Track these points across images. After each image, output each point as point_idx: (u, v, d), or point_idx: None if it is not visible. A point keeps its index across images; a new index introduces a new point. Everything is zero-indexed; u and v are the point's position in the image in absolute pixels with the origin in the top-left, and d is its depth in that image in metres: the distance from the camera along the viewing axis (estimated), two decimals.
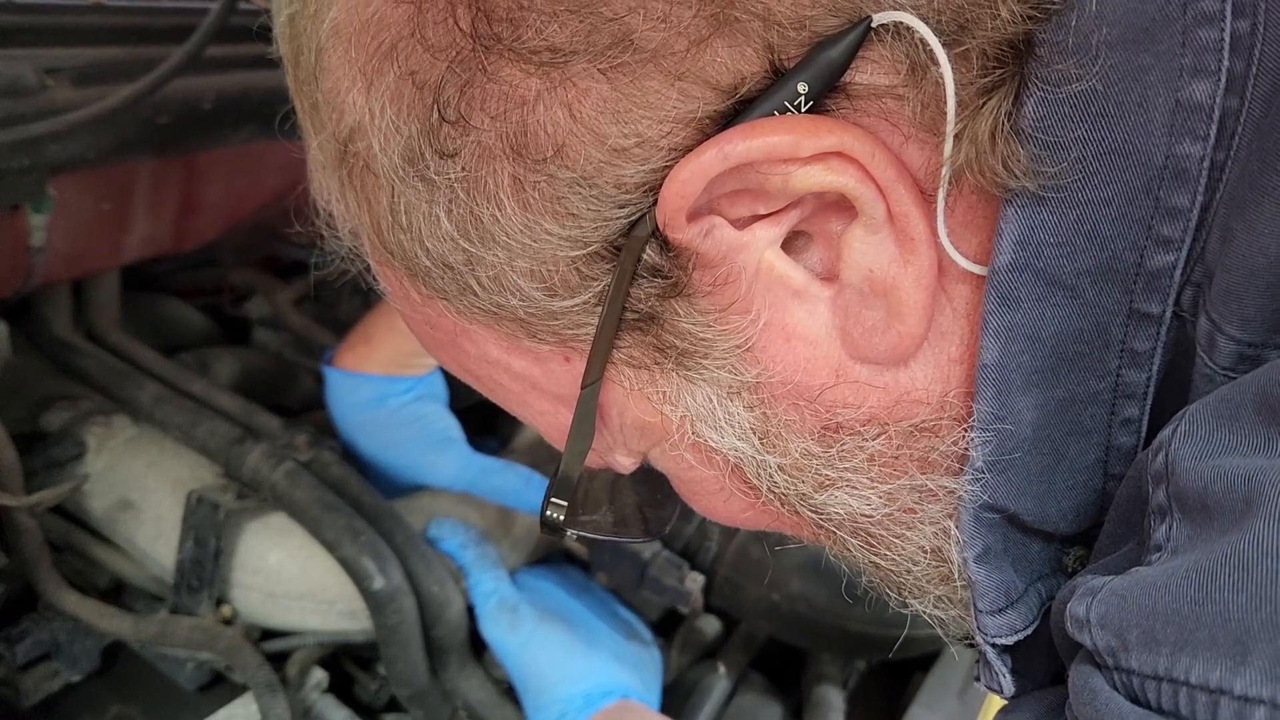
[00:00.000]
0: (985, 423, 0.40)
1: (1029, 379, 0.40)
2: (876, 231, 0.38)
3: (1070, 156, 0.37)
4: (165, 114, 0.80)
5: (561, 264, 0.40)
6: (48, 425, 0.89)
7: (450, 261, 0.42)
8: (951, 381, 0.42)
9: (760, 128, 0.36)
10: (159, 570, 0.85)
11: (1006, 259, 0.38)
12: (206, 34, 0.68)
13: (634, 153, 0.37)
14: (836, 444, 0.44)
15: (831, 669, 0.99)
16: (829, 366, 0.42)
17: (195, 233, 0.94)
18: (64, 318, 0.95)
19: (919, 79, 0.36)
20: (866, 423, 0.43)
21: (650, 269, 0.40)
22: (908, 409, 0.43)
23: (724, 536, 0.95)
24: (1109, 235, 0.38)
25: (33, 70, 0.73)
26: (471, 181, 0.39)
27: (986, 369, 0.40)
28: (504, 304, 0.42)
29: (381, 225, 0.43)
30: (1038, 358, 0.39)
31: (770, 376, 0.42)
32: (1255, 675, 0.29)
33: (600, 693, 0.80)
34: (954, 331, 0.41)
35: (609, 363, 0.43)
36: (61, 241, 0.80)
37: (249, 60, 0.88)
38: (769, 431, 0.44)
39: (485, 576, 0.85)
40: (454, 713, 0.86)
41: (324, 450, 0.86)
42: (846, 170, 0.37)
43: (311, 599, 0.83)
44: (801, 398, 0.43)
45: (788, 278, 0.40)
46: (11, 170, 0.71)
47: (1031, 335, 0.39)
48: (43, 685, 0.80)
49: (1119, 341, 0.39)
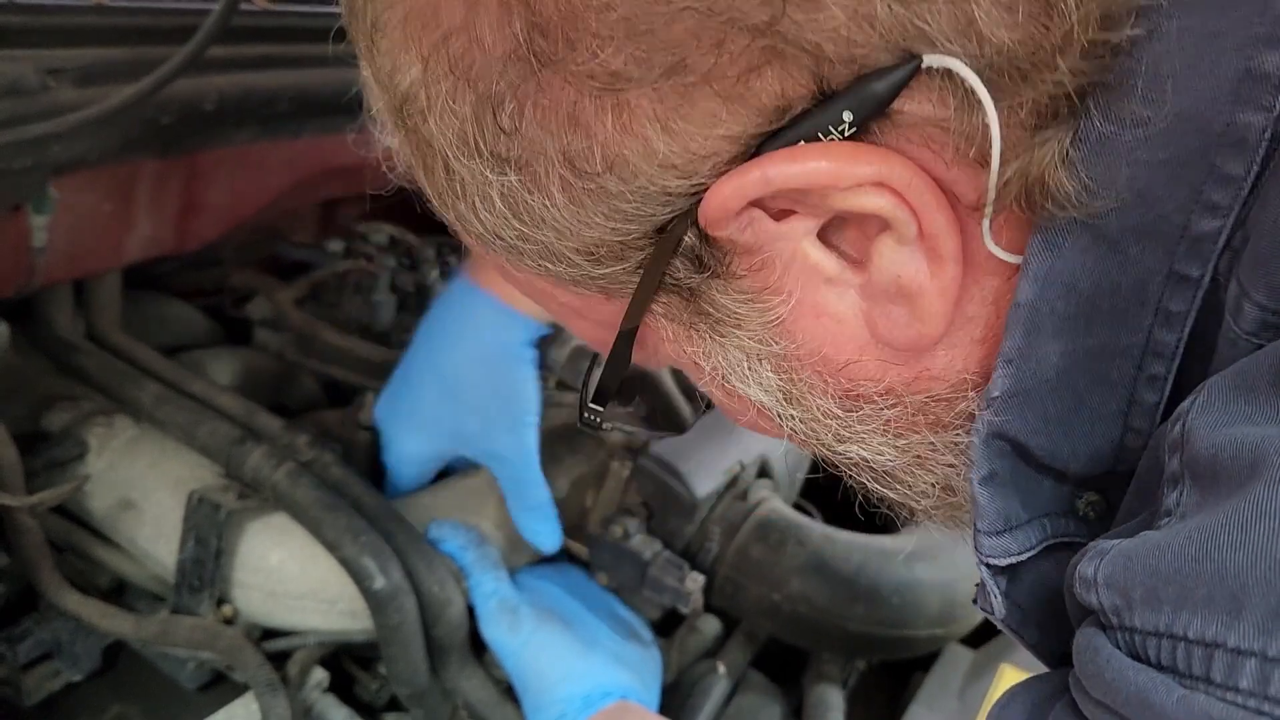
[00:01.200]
0: (1008, 358, 0.42)
1: (1060, 325, 0.40)
2: (907, 244, 0.40)
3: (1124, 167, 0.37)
4: (167, 114, 0.80)
5: (605, 244, 0.42)
6: (49, 425, 0.89)
7: (501, 233, 0.44)
8: (972, 360, 0.44)
9: (803, 153, 0.37)
10: (160, 570, 0.86)
11: (1068, 191, 0.39)
12: (209, 34, 0.68)
13: (681, 167, 0.39)
14: (855, 410, 0.46)
15: (831, 669, 0.99)
16: (854, 344, 0.43)
17: (197, 233, 0.94)
18: (66, 318, 0.95)
19: (968, 114, 0.37)
20: (885, 394, 0.45)
21: (689, 254, 0.42)
22: (925, 384, 0.44)
23: (724, 537, 0.95)
24: (1159, 196, 0.38)
25: (35, 71, 0.73)
26: (524, 176, 0.41)
27: (1019, 308, 0.41)
28: (551, 268, 0.45)
29: (437, 184, 0.44)
30: (1071, 305, 0.40)
31: (798, 349, 0.44)
32: (1248, 629, 0.30)
33: (600, 694, 0.81)
34: (980, 316, 0.42)
35: (647, 313, 0.45)
36: (63, 242, 0.80)
37: (251, 61, 0.88)
38: (793, 393, 0.46)
39: (486, 577, 0.85)
40: (454, 712, 0.86)
41: (325, 451, 0.86)
42: (883, 195, 0.38)
43: (312, 599, 0.83)
44: (826, 368, 0.45)
45: (821, 265, 0.41)
46: (13, 170, 0.71)
47: (1069, 283, 0.40)
48: (44, 685, 0.80)
49: (1155, 301, 0.40)
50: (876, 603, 0.91)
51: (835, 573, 0.92)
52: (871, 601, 0.91)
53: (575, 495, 0.99)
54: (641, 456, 0.95)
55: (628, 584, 0.92)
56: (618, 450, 1.00)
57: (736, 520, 0.96)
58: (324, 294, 1.03)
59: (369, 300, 0.97)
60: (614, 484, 0.97)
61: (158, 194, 0.87)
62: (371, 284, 0.98)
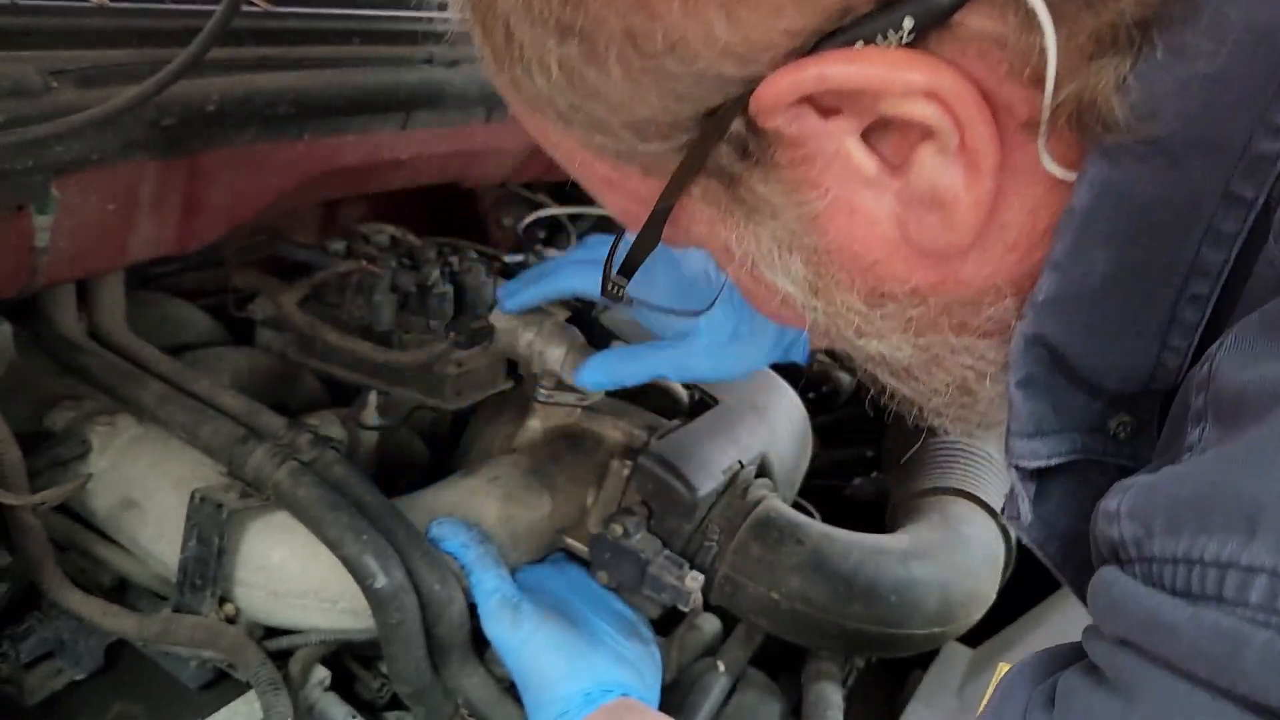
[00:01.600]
0: (1055, 264, 0.42)
1: (1110, 234, 0.41)
2: (947, 155, 0.40)
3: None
4: (169, 116, 0.80)
5: (655, 123, 0.43)
6: (52, 424, 0.90)
7: (554, 100, 0.44)
8: (1002, 267, 0.44)
9: (860, 56, 0.38)
10: (162, 569, 0.86)
11: (1119, 117, 0.39)
12: (211, 36, 0.68)
13: (741, 56, 0.40)
14: (880, 307, 0.47)
15: (831, 667, 0.99)
16: (884, 244, 0.44)
17: (199, 234, 0.94)
18: (69, 317, 0.95)
19: (1026, 34, 0.37)
20: (910, 294, 0.46)
21: (735, 141, 0.43)
22: (952, 288, 0.45)
23: (724, 536, 0.95)
24: (1224, 114, 0.38)
25: (37, 72, 0.73)
26: (584, 48, 0.41)
27: (1072, 214, 0.41)
28: (596, 139, 0.46)
29: (496, 45, 0.45)
30: (1124, 216, 0.41)
31: (830, 244, 0.45)
32: (1260, 547, 0.31)
33: (601, 691, 0.81)
34: (1016, 224, 0.43)
35: (684, 194, 0.46)
36: (66, 242, 0.80)
37: (253, 62, 0.89)
38: (820, 286, 0.47)
39: (488, 574, 0.85)
40: (455, 711, 0.86)
41: (326, 450, 0.86)
42: (931, 105, 0.39)
43: (314, 597, 0.84)
44: (855, 265, 0.46)
45: (862, 166, 0.42)
46: (16, 171, 0.71)
47: (1124, 192, 0.40)
48: (46, 683, 0.81)
49: (1207, 219, 0.40)
50: (874, 601, 0.92)
51: (834, 571, 0.92)
52: (869, 600, 0.92)
53: (575, 494, 0.99)
54: (641, 456, 0.95)
55: (628, 583, 0.93)
56: (618, 449, 1.00)
57: (736, 519, 0.96)
58: (326, 294, 1.03)
59: (370, 300, 0.98)
60: (614, 483, 0.97)
61: (160, 195, 0.87)
62: (373, 284, 0.98)
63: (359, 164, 1.03)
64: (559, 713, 0.80)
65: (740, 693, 0.98)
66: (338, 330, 1.00)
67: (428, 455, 1.14)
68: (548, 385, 1.02)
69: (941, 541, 1.00)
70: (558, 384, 1.01)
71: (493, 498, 0.94)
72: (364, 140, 1.01)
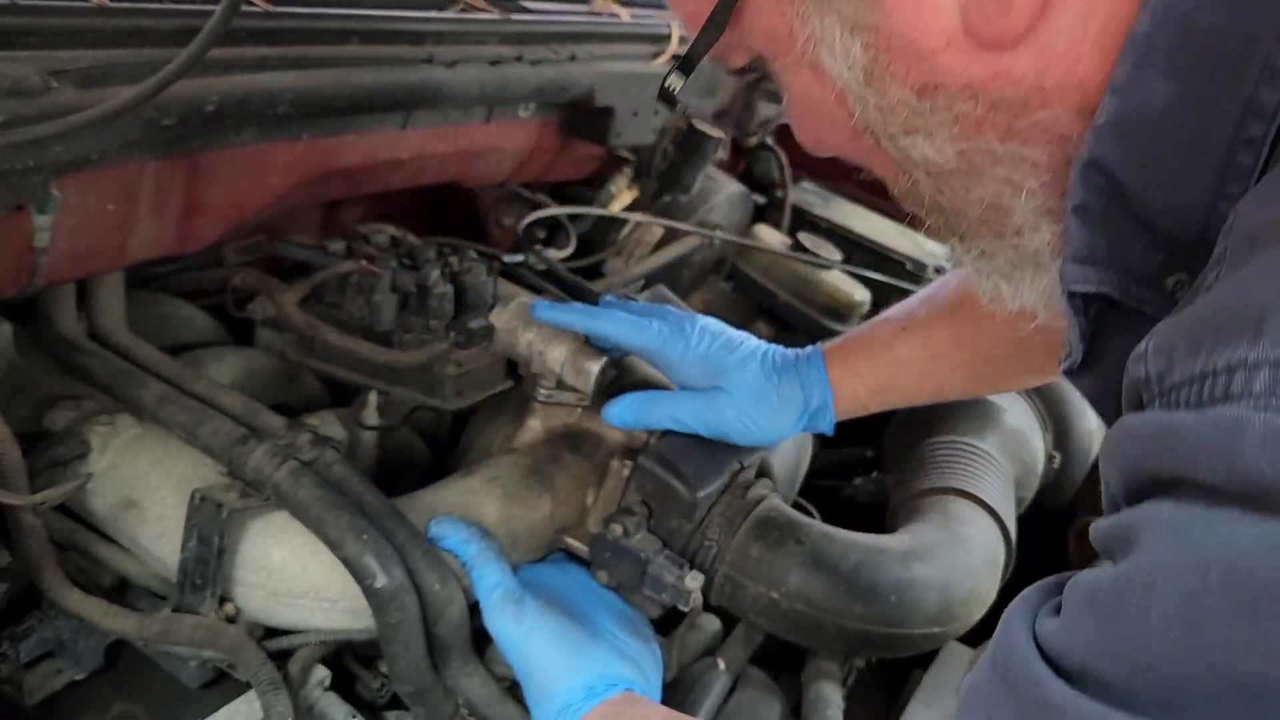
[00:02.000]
0: (1115, 87, 0.44)
1: (1169, 63, 0.42)
2: None
3: None
4: (169, 116, 0.80)
5: None
6: (52, 424, 0.90)
7: None
8: (1048, 73, 0.46)
9: None
10: (162, 569, 0.86)
11: None
12: (211, 36, 0.68)
13: None
14: (930, 100, 0.49)
15: (831, 666, 0.99)
16: (944, 33, 0.46)
17: (199, 234, 0.95)
18: (69, 318, 0.95)
19: None
20: (962, 89, 0.48)
21: None
22: (1001, 86, 0.47)
23: (724, 536, 0.95)
24: None
25: (37, 72, 0.74)
26: None
27: (1135, 38, 0.43)
28: None
29: None
30: (1184, 43, 0.42)
31: (892, 25, 0.47)
32: (1267, 344, 0.33)
33: (603, 685, 0.81)
34: (1066, 31, 0.45)
35: None
36: (66, 242, 0.81)
37: (253, 62, 0.89)
38: (875, 73, 0.49)
39: (489, 569, 0.85)
40: (456, 710, 0.86)
41: (326, 450, 0.86)
42: None
43: (314, 597, 0.84)
44: (912, 53, 0.48)
45: None
46: (16, 171, 0.72)
47: (1185, 22, 0.42)
48: (46, 683, 0.81)
49: (1263, 56, 0.41)
50: (874, 601, 0.92)
51: (834, 571, 0.92)
52: (869, 600, 0.92)
53: (575, 494, 0.99)
54: (641, 455, 0.95)
55: (628, 582, 0.93)
56: (618, 449, 1.00)
57: (736, 519, 0.96)
58: (326, 294, 1.03)
59: (370, 300, 0.98)
60: (614, 483, 0.98)
61: (159, 195, 0.88)
62: (373, 284, 0.98)
63: (359, 164, 1.03)
64: (562, 706, 0.80)
65: (740, 692, 0.98)
66: (338, 330, 1.00)
67: (428, 455, 1.14)
68: (548, 385, 1.02)
69: (941, 541, 1.00)
70: (558, 384, 1.01)
71: (492, 497, 0.94)
72: (364, 140, 1.01)
